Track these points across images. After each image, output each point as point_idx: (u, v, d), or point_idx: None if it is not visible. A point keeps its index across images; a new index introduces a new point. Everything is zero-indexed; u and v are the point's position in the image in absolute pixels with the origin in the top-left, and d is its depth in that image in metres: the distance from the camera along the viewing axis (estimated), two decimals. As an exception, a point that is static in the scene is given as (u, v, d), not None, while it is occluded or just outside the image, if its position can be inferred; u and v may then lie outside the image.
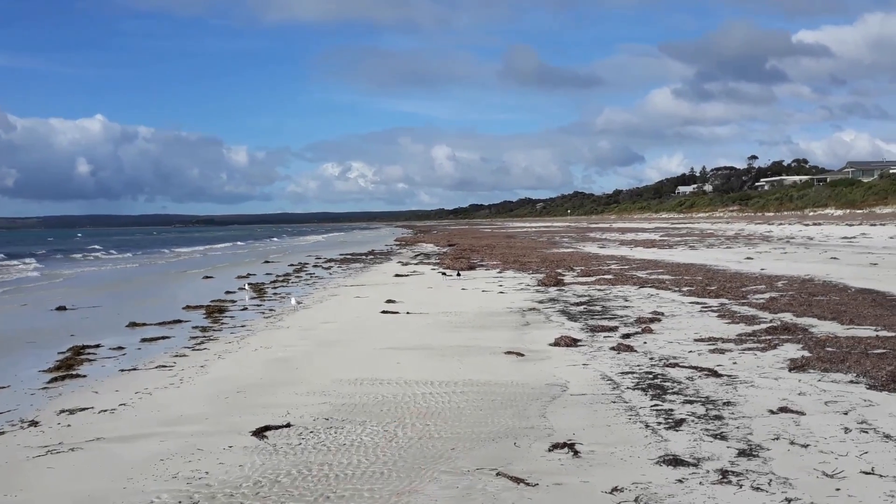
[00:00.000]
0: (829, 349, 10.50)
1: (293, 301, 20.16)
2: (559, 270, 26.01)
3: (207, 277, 31.27)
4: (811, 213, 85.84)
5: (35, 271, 39.60)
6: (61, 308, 20.09)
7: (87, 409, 8.99)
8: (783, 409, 7.69)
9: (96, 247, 75.31)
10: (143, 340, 14.33)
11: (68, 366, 11.92)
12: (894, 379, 8.56)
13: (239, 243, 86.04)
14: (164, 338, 14.63)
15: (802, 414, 7.54)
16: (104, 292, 26.16)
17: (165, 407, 8.95)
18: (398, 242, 71.72)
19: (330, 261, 41.39)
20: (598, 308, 16.18)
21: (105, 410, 8.88)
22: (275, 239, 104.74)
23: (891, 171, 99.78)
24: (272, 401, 8.99)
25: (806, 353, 10.32)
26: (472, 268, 29.62)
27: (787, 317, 13.70)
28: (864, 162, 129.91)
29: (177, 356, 12.44)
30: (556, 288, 20.67)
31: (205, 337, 14.58)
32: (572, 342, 11.98)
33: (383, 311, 16.82)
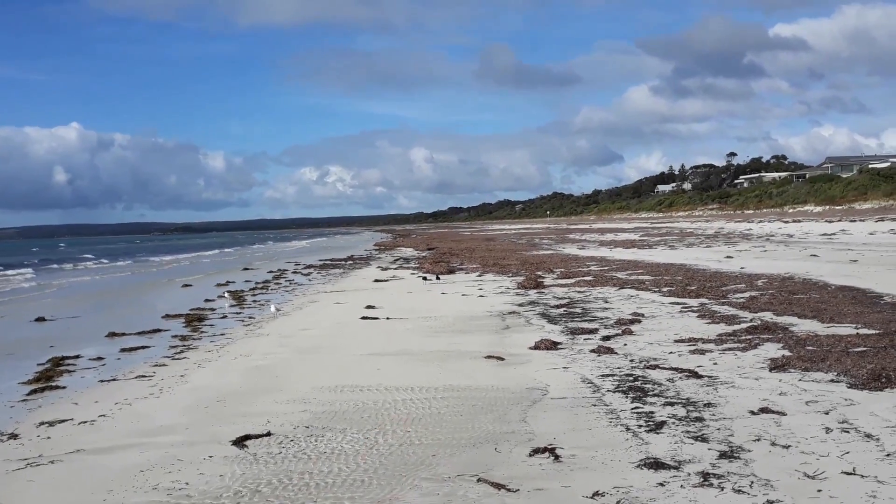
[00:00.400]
0: (810, 348, 10.55)
1: (272, 308, 20.09)
2: (539, 273, 26.04)
3: (186, 286, 31.09)
4: (791, 210, 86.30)
5: (31, 281, 39.66)
6: (40, 319, 19.92)
7: (67, 420, 8.92)
8: (764, 410, 7.72)
9: (88, 255, 75.81)
10: (123, 350, 14.23)
11: (48, 377, 11.82)
12: (875, 377, 8.60)
13: (227, 250, 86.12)
14: (143, 347, 14.54)
15: (783, 414, 7.56)
16: (103, 300, 25.96)
17: (145, 417, 8.88)
18: (377, 247, 71.61)
19: (309, 267, 41.28)
20: (578, 310, 16.20)
21: (85, 422, 8.81)
22: (257, 245, 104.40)
23: (870, 166, 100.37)
24: (252, 409, 8.94)
25: (786, 353, 10.37)
26: (451, 271, 29.62)
27: (768, 316, 13.77)
28: (842, 157, 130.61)
29: (156, 366, 12.36)
30: (535, 291, 20.69)
31: (184, 346, 14.50)
32: (552, 345, 11.98)
33: (363, 317, 16.77)
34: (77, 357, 13.57)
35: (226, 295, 24.73)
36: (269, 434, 7.78)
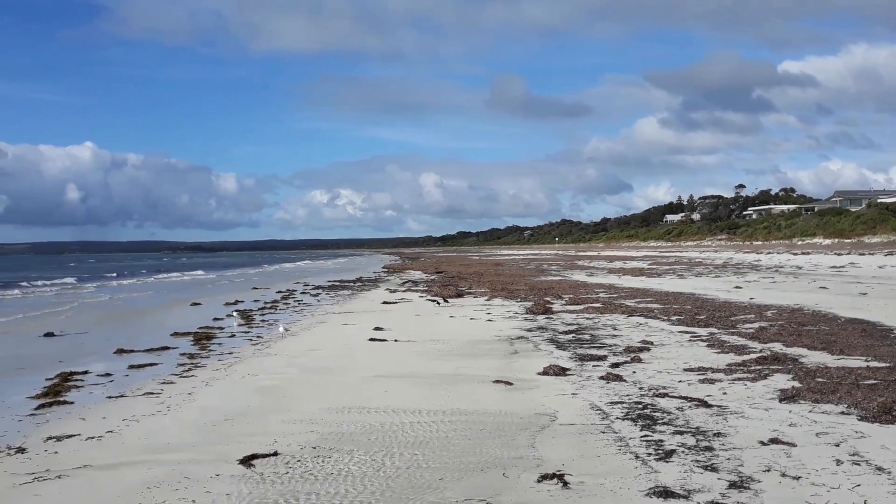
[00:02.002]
0: (820, 380, 10.51)
1: (281, 328, 20.09)
2: (547, 298, 26.02)
3: (195, 304, 31.12)
4: (799, 243, 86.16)
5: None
6: (49, 334, 19.96)
7: (75, 436, 8.91)
8: (774, 441, 7.68)
9: (118, 273, 77.81)
10: (131, 367, 14.24)
11: (56, 392, 11.82)
12: (886, 410, 8.55)
13: (236, 269, 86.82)
14: (151, 364, 14.55)
15: (793, 445, 7.52)
16: (111, 316, 26.02)
17: (153, 434, 8.88)
18: (386, 269, 71.66)
19: (318, 287, 41.32)
20: (586, 337, 16.17)
21: (92, 437, 8.81)
22: (267, 265, 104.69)
23: (879, 201, 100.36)
24: (259, 429, 8.92)
25: (796, 384, 10.32)
26: (460, 295, 29.61)
27: (777, 347, 13.72)
28: (851, 191, 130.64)
29: (164, 383, 12.36)
30: (544, 316, 20.66)
31: (192, 364, 14.50)
32: (561, 371, 11.95)
33: (371, 339, 16.76)
34: (85, 373, 13.57)
35: (234, 314, 24.75)
36: (276, 454, 7.76)
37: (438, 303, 26.29)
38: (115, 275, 70.76)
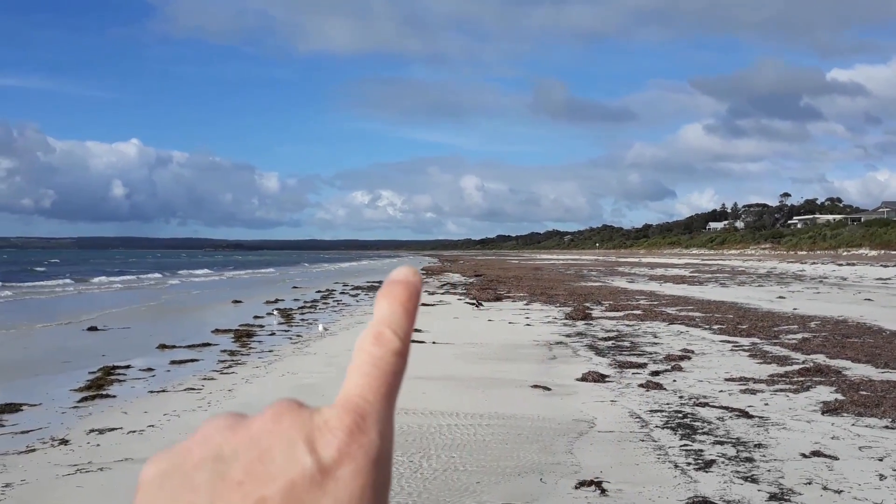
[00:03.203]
0: (864, 392, 10.34)
1: (320, 328, 20.21)
2: (587, 304, 25.88)
3: (237, 302, 31.41)
4: (845, 253, 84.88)
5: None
6: (93, 329, 20.28)
7: (117, 429, 9.04)
8: (816, 453, 7.57)
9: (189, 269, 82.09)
10: (173, 362, 14.40)
11: (99, 386, 12.00)
12: (930, 426, 8.39)
13: (278, 268, 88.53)
14: (192, 360, 14.70)
15: (836, 458, 7.41)
16: (154, 312, 26.37)
17: (193, 429, 8.91)
18: (425, 271, 71.72)
19: (357, 288, 41.48)
20: (626, 344, 16.06)
21: (134, 431, 8.93)
22: (307, 265, 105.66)
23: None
24: (299, 427, 8.97)
25: (839, 396, 10.17)
26: (498, 299, 29.56)
27: (820, 358, 13.52)
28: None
29: (205, 379, 12.49)
30: (583, 322, 20.56)
31: (233, 361, 14.63)
32: (600, 378, 11.88)
33: (411, 341, 16.77)
34: (127, 367, 13.76)
35: (274, 313, 24.94)
36: (314, 452, 7.80)
37: (476, 306, 26.27)
38: (187, 271, 74.23)
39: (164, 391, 11.59)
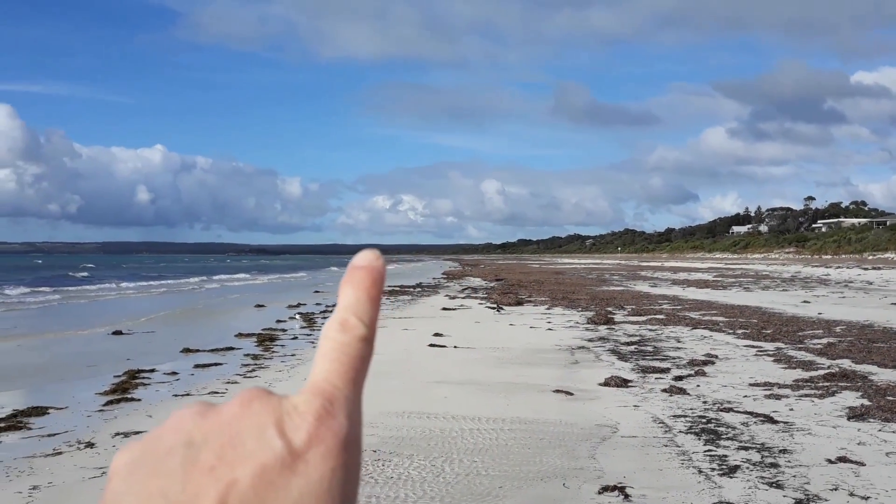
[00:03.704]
0: (890, 398, 10.24)
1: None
2: (609, 308, 25.79)
3: (259, 306, 31.56)
4: (870, 257, 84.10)
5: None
6: (118, 332, 20.44)
7: (141, 432, 9.10)
8: (842, 459, 7.50)
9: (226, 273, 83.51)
10: (196, 366, 14.48)
11: (124, 389, 12.09)
12: (958, 432, 8.30)
13: (300, 273, 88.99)
14: (216, 364, 14.78)
15: (862, 464, 7.34)
16: (177, 316, 26.56)
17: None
18: (446, 276, 71.74)
19: (380, 292, 41.49)
20: (649, 348, 15.99)
21: (157, 435, 8.98)
22: (329, 268, 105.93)
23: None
24: (321, 431, 8.99)
25: (865, 402, 10.07)
26: (520, 303, 29.51)
27: (846, 363, 13.40)
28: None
29: (229, 383, 12.56)
30: (605, 326, 20.49)
31: (256, 365, 14.70)
32: (623, 383, 11.84)
33: (430, 345, 16.80)
34: (152, 371, 13.86)
35: (297, 316, 25.04)
36: (337, 456, 7.82)
37: (498, 310, 26.25)
38: (225, 276, 74.51)
39: (188, 395, 11.67)
